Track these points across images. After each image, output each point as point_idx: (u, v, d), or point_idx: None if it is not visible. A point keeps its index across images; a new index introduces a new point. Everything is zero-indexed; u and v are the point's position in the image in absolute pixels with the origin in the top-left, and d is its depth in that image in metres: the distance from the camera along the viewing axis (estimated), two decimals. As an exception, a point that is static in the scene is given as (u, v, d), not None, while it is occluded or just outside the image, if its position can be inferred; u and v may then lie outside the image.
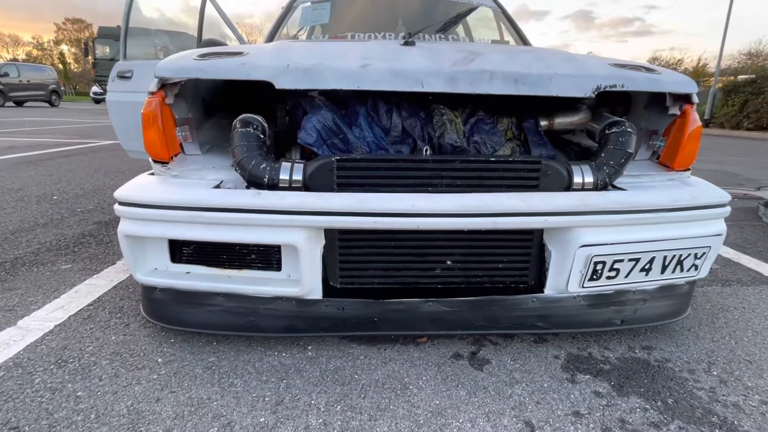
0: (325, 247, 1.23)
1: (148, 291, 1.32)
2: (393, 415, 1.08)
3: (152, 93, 1.26)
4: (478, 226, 1.17)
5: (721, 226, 1.28)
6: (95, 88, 21.98)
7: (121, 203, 1.20)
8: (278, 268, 1.24)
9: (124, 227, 1.19)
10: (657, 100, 1.46)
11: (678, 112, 1.38)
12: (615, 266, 1.23)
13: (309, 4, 2.72)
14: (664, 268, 1.27)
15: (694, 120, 1.33)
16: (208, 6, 2.82)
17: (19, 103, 17.30)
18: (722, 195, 1.30)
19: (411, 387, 1.18)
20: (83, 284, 1.74)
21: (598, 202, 1.19)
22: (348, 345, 1.37)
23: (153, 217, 1.17)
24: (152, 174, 1.31)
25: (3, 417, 1.03)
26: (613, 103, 1.66)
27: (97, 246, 2.16)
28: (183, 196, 1.16)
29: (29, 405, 1.07)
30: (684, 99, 1.36)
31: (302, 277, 1.20)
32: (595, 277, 1.24)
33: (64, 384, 1.15)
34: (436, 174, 1.23)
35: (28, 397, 1.09)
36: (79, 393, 1.12)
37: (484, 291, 1.32)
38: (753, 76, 15.73)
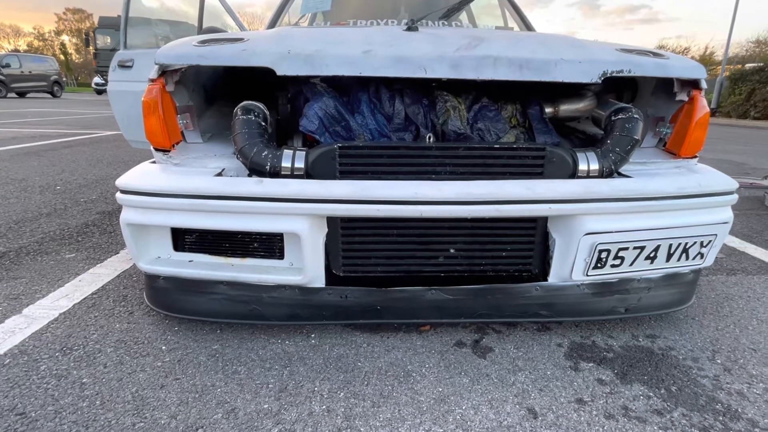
0: (327, 235, 1.23)
1: (152, 279, 1.32)
2: (396, 402, 1.08)
3: (152, 80, 1.25)
4: (481, 214, 1.16)
5: (727, 214, 1.27)
6: (97, 79, 21.89)
7: (123, 191, 1.19)
8: (281, 257, 1.24)
9: (126, 216, 1.19)
10: (664, 86, 1.44)
11: (686, 98, 1.36)
12: (620, 254, 1.22)
13: None
14: (669, 257, 1.26)
15: (703, 106, 1.31)
16: (209, -6, 2.79)
17: (21, 94, 17.30)
18: (729, 182, 1.28)
19: (414, 374, 1.18)
20: (87, 273, 1.75)
21: (603, 189, 1.18)
22: (351, 333, 1.37)
23: (155, 206, 1.17)
24: (154, 162, 1.31)
25: (10, 403, 1.03)
26: (619, 89, 1.63)
27: (100, 235, 2.17)
28: (185, 184, 1.15)
29: (35, 391, 1.08)
30: (692, 85, 1.34)
31: (305, 266, 1.20)
32: (599, 265, 1.23)
33: (69, 371, 1.16)
34: (440, 161, 1.21)
35: (34, 384, 1.10)
36: (85, 380, 1.12)
37: (487, 279, 1.32)
38: (761, 64, 15.51)
